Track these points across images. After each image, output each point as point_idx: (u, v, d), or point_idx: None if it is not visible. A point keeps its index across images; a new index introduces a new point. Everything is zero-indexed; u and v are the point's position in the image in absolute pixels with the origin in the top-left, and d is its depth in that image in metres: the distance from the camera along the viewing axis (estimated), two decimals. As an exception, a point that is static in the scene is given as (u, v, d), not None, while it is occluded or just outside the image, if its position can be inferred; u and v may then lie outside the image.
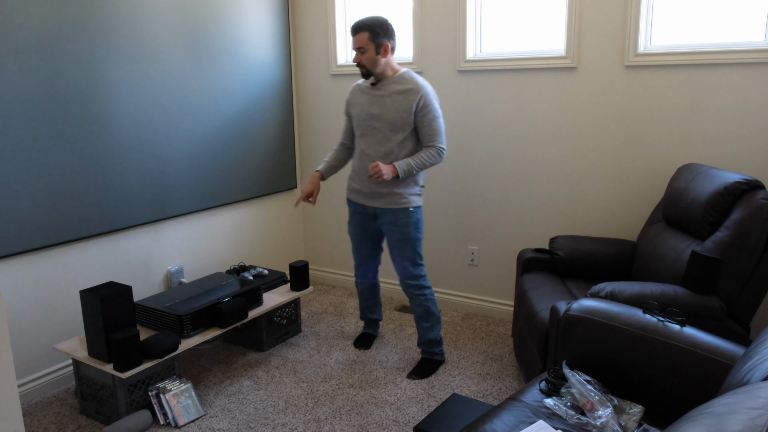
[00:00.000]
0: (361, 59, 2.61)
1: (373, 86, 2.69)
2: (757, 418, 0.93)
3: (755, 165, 2.66)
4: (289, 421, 2.47)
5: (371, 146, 2.69)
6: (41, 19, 2.48)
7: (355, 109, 2.74)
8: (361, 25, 2.59)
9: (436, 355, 2.90)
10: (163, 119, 3.04)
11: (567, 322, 1.89)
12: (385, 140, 2.65)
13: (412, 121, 2.62)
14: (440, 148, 2.64)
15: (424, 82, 2.63)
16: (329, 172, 2.92)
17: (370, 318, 3.17)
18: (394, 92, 2.63)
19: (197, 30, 3.16)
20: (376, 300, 3.13)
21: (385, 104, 2.63)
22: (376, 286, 3.10)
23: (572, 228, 3.18)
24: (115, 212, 2.87)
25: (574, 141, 3.08)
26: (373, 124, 2.67)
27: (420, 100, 2.59)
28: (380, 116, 2.64)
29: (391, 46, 2.63)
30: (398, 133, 2.63)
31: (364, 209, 2.82)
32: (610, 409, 1.64)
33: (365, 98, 2.71)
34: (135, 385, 2.44)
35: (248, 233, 3.70)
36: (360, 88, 2.76)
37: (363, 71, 2.65)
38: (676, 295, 2.16)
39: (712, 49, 2.67)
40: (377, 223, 2.81)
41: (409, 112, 2.60)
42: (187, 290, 2.85)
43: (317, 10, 3.73)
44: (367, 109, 2.68)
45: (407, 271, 2.78)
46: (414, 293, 2.81)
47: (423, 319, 2.84)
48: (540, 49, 3.14)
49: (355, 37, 2.60)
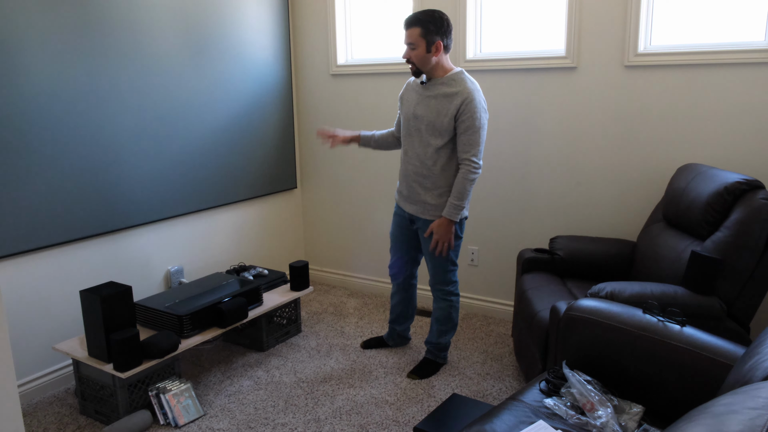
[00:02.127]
0: (411, 56, 2.48)
1: (423, 85, 2.57)
2: (757, 418, 0.93)
3: (755, 165, 2.66)
4: (289, 421, 2.47)
5: (413, 148, 2.60)
6: (41, 19, 2.48)
7: (404, 107, 2.65)
8: (414, 20, 2.44)
9: (439, 358, 2.89)
10: (163, 119, 3.04)
11: (567, 322, 1.89)
12: (424, 144, 2.54)
13: (452, 127, 2.47)
14: (474, 162, 2.48)
15: (474, 87, 2.46)
16: (367, 141, 2.82)
17: (397, 329, 3.04)
18: (440, 94, 2.49)
19: (198, 30, 3.16)
20: (407, 311, 2.98)
21: (429, 106, 2.51)
22: (411, 289, 2.96)
23: (572, 228, 3.18)
24: (115, 212, 2.87)
25: (574, 141, 3.08)
26: (416, 125, 2.57)
27: (463, 105, 2.43)
28: (423, 118, 2.53)
29: (444, 45, 2.47)
30: (438, 139, 2.50)
31: (402, 212, 2.77)
32: (610, 409, 1.64)
33: (414, 97, 2.60)
34: (135, 385, 2.44)
35: (248, 233, 3.70)
36: (412, 86, 2.65)
37: (413, 69, 2.52)
38: (676, 295, 2.16)
39: (712, 49, 2.67)
40: (413, 227, 2.77)
41: (450, 116, 2.45)
42: (187, 290, 2.85)
43: (317, 10, 3.73)
44: (414, 108, 2.57)
45: (438, 277, 2.73)
46: (441, 297, 2.77)
47: (441, 322, 2.81)
48: (540, 49, 3.14)
49: (407, 32, 2.46)
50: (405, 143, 2.66)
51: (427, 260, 2.75)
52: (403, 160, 2.68)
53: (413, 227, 2.77)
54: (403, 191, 2.71)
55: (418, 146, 2.58)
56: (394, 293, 2.98)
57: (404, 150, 2.67)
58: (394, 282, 2.96)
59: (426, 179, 2.59)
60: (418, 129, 2.57)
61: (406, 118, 2.62)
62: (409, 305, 3.00)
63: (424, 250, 2.73)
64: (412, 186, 2.64)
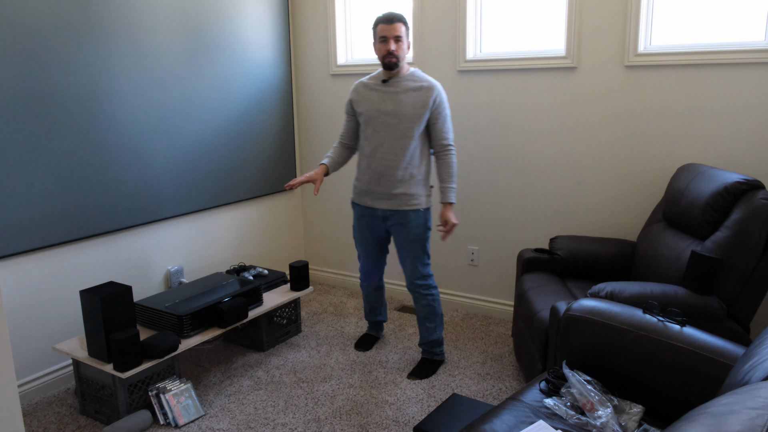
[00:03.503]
0: (398, 49, 2.58)
1: (386, 83, 2.65)
2: (757, 418, 0.93)
3: (755, 165, 2.66)
4: (289, 421, 2.47)
5: (386, 143, 2.64)
6: (41, 18, 2.48)
7: (363, 106, 2.69)
8: (398, 16, 2.59)
9: (436, 355, 2.90)
10: (163, 119, 3.04)
11: (567, 322, 1.89)
12: (401, 137, 2.62)
13: (426, 118, 2.63)
14: (453, 147, 2.70)
15: (436, 81, 2.63)
16: (334, 168, 2.86)
17: (374, 320, 3.16)
18: (409, 89, 2.62)
19: (198, 30, 3.16)
20: (381, 301, 3.12)
21: (400, 101, 2.61)
22: (382, 287, 3.09)
23: (572, 228, 3.18)
24: (115, 212, 2.87)
25: (574, 141, 3.08)
26: (387, 120, 2.63)
27: (436, 97, 2.62)
28: (396, 113, 2.61)
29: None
30: (416, 130, 2.63)
31: (373, 212, 2.78)
32: (610, 409, 1.64)
33: (375, 95, 2.67)
34: (135, 385, 2.44)
35: (248, 233, 3.70)
36: (366, 86, 2.71)
37: (393, 61, 2.59)
38: (676, 295, 2.16)
39: (712, 49, 2.67)
40: (386, 225, 2.79)
41: (426, 108, 2.61)
42: (187, 290, 2.85)
43: (317, 10, 3.73)
44: (379, 105, 2.64)
45: (417, 272, 2.77)
46: (422, 293, 2.79)
47: (428, 319, 2.83)
48: (540, 49, 3.14)
49: (392, 26, 2.56)
50: (374, 141, 2.68)
51: (404, 257, 2.77)
52: (371, 158, 2.69)
53: (385, 225, 2.79)
54: (373, 189, 2.72)
55: (392, 141, 2.63)
56: (368, 294, 3.07)
57: (373, 148, 2.68)
58: (367, 284, 3.03)
59: (404, 171, 2.65)
60: (390, 124, 2.62)
61: (372, 116, 2.66)
62: (383, 297, 3.13)
63: (402, 245, 2.75)
64: (387, 181, 2.67)
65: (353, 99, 2.75)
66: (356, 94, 2.74)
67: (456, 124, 3.39)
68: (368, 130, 2.69)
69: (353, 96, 2.75)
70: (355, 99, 2.74)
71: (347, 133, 2.84)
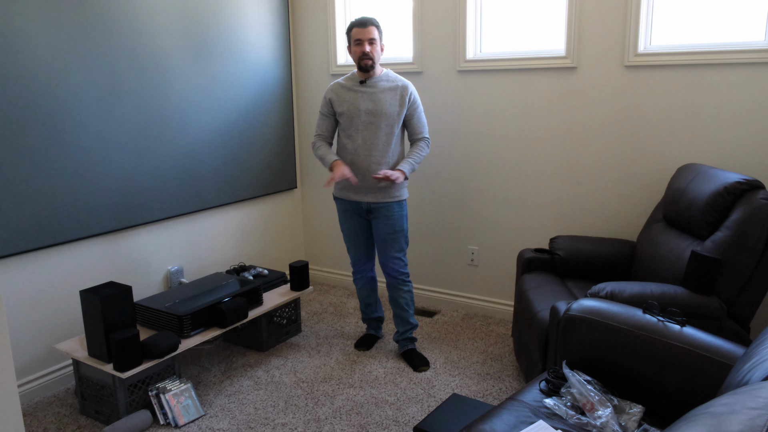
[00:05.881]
0: (372, 50, 2.72)
1: (362, 84, 2.77)
2: (757, 418, 0.93)
3: (755, 165, 2.66)
4: (289, 421, 2.47)
5: (369, 140, 2.75)
6: (41, 19, 2.48)
7: (343, 106, 2.79)
8: (371, 20, 2.73)
9: (414, 340, 3.02)
10: (163, 119, 3.04)
11: (567, 322, 1.89)
12: (385, 133, 2.76)
13: (404, 114, 2.79)
14: (428, 139, 2.87)
15: (406, 80, 2.83)
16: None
17: (372, 318, 3.17)
18: (386, 89, 2.77)
19: (198, 30, 3.16)
20: (375, 297, 3.14)
21: (379, 100, 2.75)
22: (374, 280, 3.11)
23: (572, 228, 3.18)
24: (115, 212, 2.87)
25: (574, 141, 3.08)
26: (369, 119, 2.75)
27: (411, 95, 2.79)
28: (377, 111, 2.75)
29: None
30: (396, 126, 2.78)
31: (358, 205, 2.86)
32: (610, 409, 1.64)
33: (354, 95, 2.77)
34: (135, 385, 2.44)
35: (248, 233, 3.70)
36: (344, 87, 2.81)
37: (369, 63, 2.72)
38: (676, 295, 2.16)
39: (712, 49, 2.67)
40: (369, 218, 2.89)
41: (403, 106, 2.77)
42: (187, 290, 2.85)
43: (317, 10, 3.73)
44: (359, 105, 2.76)
45: (399, 263, 2.89)
46: (405, 280, 2.93)
47: (409, 306, 2.96)
48: (540, 49, 3.14)
49: (366, 29, 2.71)
50: (357, 139, 2.78)
51: (385, 249, 2.87)
52: (355, 155, 2.78)
53: (369, 218, 2.89)
54: (358, 185, 2.82)
55: (375, 137, 2.75)
56: (362, 287, 3.09)
57: (356, 145, 2.78)
58: (360, 275, 3.06)
59: (387, 166, 2.79)
60: (372, 122, 2.75)
61: (354, 115, 2.77)
62: (375, 292, 3.14)
63: (386, 237, 2.85)
64: (371, 176, 2.77)
65: (332, 99, 2.84)
66: (335, 95, 2.83)
67: (456, 124, 3.39)
68: (350, 129, 2.79)
69: (332, 96, 2.84)
70: (334, 99, 2.83)
71: (328, 132, 2.92)
